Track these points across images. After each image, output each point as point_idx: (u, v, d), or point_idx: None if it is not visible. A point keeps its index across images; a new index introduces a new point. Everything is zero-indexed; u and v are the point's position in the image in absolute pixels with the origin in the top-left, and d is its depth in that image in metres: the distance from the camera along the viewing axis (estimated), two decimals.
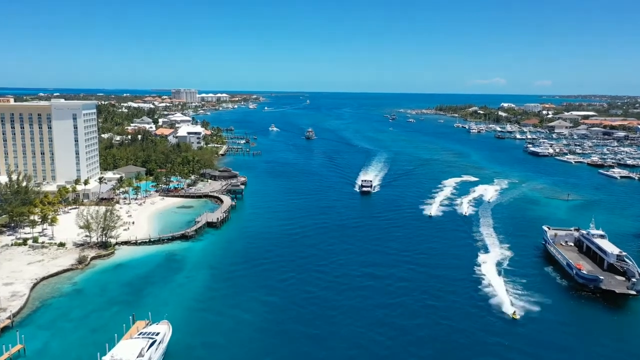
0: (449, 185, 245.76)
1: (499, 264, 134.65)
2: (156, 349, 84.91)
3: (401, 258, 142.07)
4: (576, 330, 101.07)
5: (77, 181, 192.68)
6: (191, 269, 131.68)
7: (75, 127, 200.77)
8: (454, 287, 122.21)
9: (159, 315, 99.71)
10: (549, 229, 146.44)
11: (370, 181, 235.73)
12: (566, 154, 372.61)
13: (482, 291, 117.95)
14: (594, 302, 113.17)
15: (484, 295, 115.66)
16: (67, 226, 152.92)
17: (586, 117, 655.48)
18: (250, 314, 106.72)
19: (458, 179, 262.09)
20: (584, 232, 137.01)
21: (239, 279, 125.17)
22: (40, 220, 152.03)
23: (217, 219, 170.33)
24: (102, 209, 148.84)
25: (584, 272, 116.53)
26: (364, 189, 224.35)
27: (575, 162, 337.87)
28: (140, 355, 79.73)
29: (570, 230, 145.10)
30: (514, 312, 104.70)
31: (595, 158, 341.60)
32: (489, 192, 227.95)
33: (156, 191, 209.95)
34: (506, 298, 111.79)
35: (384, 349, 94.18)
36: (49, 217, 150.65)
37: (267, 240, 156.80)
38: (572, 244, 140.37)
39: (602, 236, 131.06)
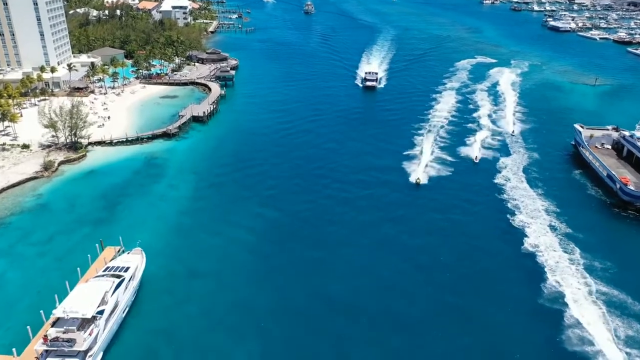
0: (463, 68, 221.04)
1: (524, 170, 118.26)
2: (125, 288, 71.12)
3: (409, 162, 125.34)
4: (625, 258, 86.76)
5: (42, 68, 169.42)
6: (173, 175, 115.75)
7: (35, 2, 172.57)
8: (469, 192, 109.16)
9: (132, 239, 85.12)
10: (582, 128, 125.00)
11: (376, 73, 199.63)
12: (590, 29, 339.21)
13: (504, 202, 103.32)
14: None
15: (506, 208, 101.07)
16: (34, 123, 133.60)
17: None
18: (242, 232, 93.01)
19: (472, 60, 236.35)
20: (627, 133, 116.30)
21: (228, 188, 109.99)
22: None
23: (204, 112, 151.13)
24: (68, 104, 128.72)
25: (632, 187, 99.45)
26: (368, 83, 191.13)
27: (600, 38, 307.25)
28: (103, 302, 65.59)
29: (607, 130, 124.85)
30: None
31: (622, 34, 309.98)
32: (507, 76, 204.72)
33: (136, 78, 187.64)
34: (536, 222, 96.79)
35: (392, 272, 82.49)
36: (9, 114, 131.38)
37: (260, 137, 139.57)
38: (610, 147, 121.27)
39: None
